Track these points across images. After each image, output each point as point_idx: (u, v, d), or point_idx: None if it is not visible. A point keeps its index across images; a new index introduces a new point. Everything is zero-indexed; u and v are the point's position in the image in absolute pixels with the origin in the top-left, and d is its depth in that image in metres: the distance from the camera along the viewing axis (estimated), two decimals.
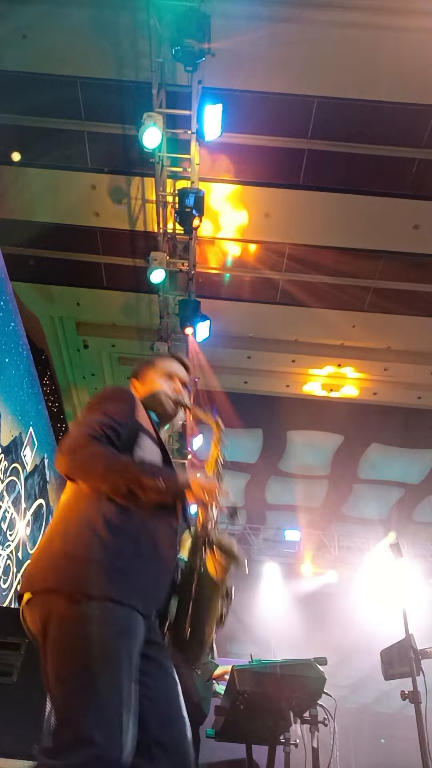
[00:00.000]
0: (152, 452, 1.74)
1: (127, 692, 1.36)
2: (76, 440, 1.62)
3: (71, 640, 1.39)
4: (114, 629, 1.41)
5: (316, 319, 7.80)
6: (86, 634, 1.38)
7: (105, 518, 1.56)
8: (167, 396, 1.96)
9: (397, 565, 3.43)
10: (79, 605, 1.40)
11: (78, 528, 1.54)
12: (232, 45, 5.29)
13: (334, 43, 5.26)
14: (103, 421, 1.67)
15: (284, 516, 11.37)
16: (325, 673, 2.54)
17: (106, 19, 5.28)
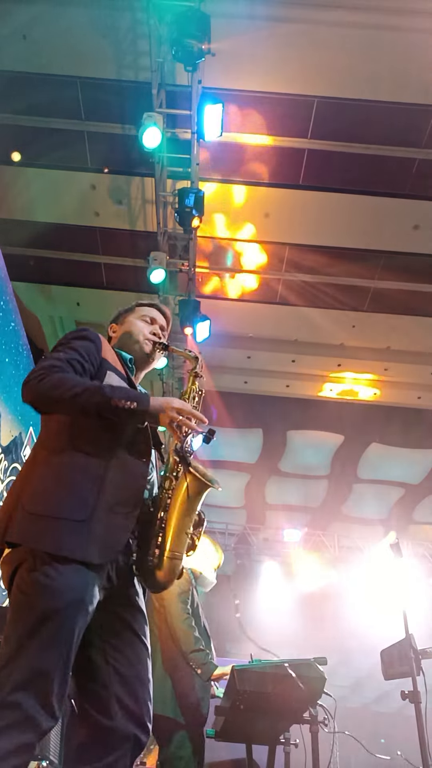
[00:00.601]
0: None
1: (64, 660, 1.40)
2: (41, 370, 1.61)
3: (18, 602, 1.45)
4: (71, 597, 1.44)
5: (316, 319, 7.80)
6: (31, 597, 1.43)
7: (68, 463, 1.58)
8: (144, 336, 1.96)
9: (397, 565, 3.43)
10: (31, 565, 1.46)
11: (39, 480, 1.57)
12: (232, 45, 5.29)
13: (334, 43, 5.26)
14: (67, 355, 1.67)
15: (284, 516, 11.36)
16: (325, 673, 2.54)
17: (106, 19, 5.28)
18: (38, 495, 1.54)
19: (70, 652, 1.43)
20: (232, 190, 6.55)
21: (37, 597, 1.43)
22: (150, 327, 2.01)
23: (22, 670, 1.36)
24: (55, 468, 1.59)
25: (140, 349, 1.95)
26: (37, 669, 1.37)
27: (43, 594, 1.43)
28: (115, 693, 1.55)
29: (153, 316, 2.04)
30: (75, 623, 1.44)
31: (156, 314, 2.05)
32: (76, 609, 1.45)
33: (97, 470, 1.59)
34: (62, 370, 1.61)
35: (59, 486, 1.56)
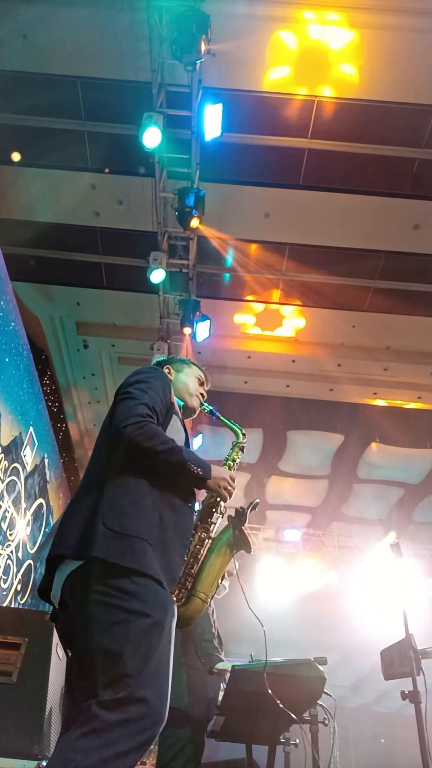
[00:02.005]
0: (179, 432, 1.95)
1: (169, 662, 1.53)
2: (140, 418, 1.76)
3: (126, 613, 1.49)
4: (168, 609, 1.57)
5: (315, 318, 7.80)
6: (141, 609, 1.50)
7: (140, 491, 1.70)
8: (197, 395, 2.25)
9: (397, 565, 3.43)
10: (133, 580, 1.53)
11: (117, 500, 1.66)
12: (232, 45, 5.30)
13: (335, 43, 5.26)
14: (152, 400, 1.85)
15: (284, 516, 11.36)
16: (325, 672, 2.54)
17: (107, 19, 5.28)
18: (119, 514, 1.62)
19: (171, 651, 1.55)
20: (232, 190, 6.55)
21: (142, 604, 1.51)
22: (201, 388, 2.29)
23: (143, 669, 1.45)
24: (130, 491, 1.69)
25: (191, 403, 2.22)
26: (154, 669, 1.47)
27: (147, 601, 1.52)
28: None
29: (204, 379, 2.32)
30: (172, 631, 1.57)
31: (205, 378, 2.33)
32: (173, 618, 1.59)
33: (159, 503, 1.73)
34: (151, 419, 1.80)
35: (135, 508, 1.66)
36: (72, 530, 1.63)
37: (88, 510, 1.64)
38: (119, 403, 1.83)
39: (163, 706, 1.47)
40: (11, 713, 2.31)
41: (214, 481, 1.86)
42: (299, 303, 7.64)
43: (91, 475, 1.79)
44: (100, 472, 1.75)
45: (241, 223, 6.85)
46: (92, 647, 1.48)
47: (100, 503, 1.64)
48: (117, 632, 1.47)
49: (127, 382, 1.93)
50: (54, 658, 2.54)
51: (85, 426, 10.05)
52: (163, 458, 1.74)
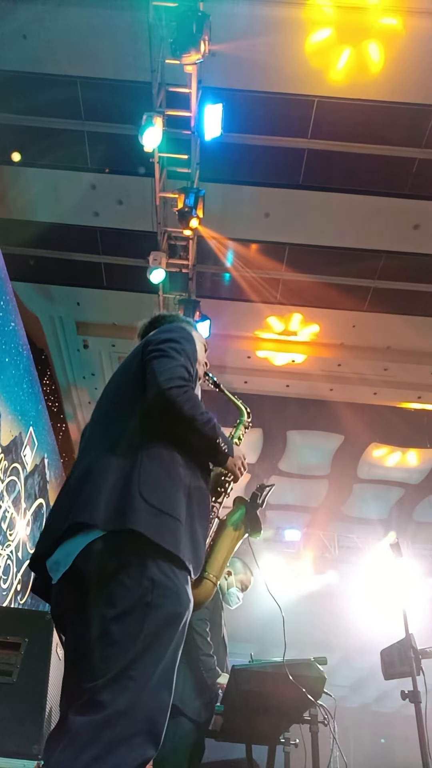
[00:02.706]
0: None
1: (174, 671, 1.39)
2: (182, 381, 1.62)
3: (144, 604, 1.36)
4: (188, 605, 1.44)
5: (316, 319, 7.80)
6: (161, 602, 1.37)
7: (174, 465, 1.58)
8: (203, 363, 2.09)
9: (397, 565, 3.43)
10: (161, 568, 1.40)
11: (154, 472, 1.51)
12: (233, 45, 5.30)
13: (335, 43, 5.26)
14: (187, 364, 1.69)
15: (284, 516, 11.36)
16: (325, 672, 2.54)
17: (106, 19, 5.28)
18: (156, 488, 1.48)
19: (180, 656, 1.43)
20: (232, 190, 6.55)
21: (163, 598, 1.38)
22: (204, 356, 2.12)
23: (148, 669, 1.32)
24: (166, 464, 1.56)
25: (198, 372, 2.01)
26: (161, 670, 1.34)
27: (169, 596, 1.39)
28: None
29: (206, 345, 2.18)
30: (186, 628, 1.44)
31: (207, 345, 2.20)
32: (189, 615, 1.45)
33: (188, 480, 1.60)
34: (192, 384, 1.68)
35: (171, 485, 1.53)
36: (101, 497, 1.43)
37: (120, 476, 1.47)
38: (154, 361, 1.65)
39: (162, 724, 1.31)
40: (11, 713, 2.31)
41: (233, 461, 1.78)
42: (299, 303, 7.63)
43: (113, 435, 1.60)
44: (128, 436, 1.58)
45: (241, 223, 6.85)
46: (96, 632, 1.33)
47: (134, 471, 1.48)
48: (129, 622, 1.33)
49: (158, 338, 1.75)
50: (54, 658, 2.53)
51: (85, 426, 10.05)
52: (201, 429, 1.62)
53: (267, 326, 8.10)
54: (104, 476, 1.48)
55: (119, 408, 1.70)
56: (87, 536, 1.41)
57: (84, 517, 1.41)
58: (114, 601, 1.35)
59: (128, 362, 1.81)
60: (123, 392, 1.74)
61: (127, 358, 1.84)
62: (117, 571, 1.38)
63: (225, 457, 1.72)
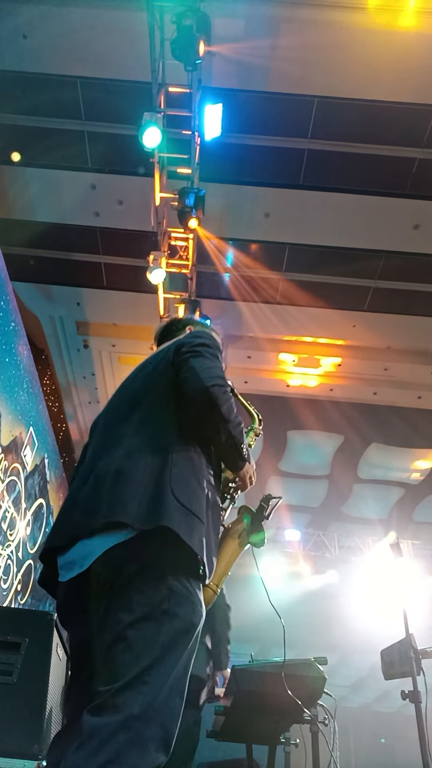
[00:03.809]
0: None
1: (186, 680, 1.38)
2: (223, 381, 1.65)
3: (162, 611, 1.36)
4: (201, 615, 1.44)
5: (316, 318, 7.80)
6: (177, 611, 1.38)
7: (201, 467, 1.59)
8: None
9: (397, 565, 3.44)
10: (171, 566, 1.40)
11: (183, 471, 1.52)
12: (233, 45, 5.30)
13: (335, 43, 5.26)
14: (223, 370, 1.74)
15: (284, 516, 11.36)
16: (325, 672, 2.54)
17: (106, 19, 5.28)
18: (186, 489, 1.49)
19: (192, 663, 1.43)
20: (232, 190, 6.55)
21: (179, 607, 1.38)
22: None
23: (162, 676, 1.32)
24: (195, 466, 1.57)
25: None
26: (174, 678, 1.34)
27: (185, 605, 1.39)
28: None
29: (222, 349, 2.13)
30: (198, 637, 1.45)
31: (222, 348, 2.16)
32: (201, 625, 1.46)
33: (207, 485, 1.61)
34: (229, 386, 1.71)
35: (199, 487, 1.54)
36: (132, 496, 1.42)
37: (152, 476, 1.46)
38: (192, 359, 1.65)
39: (174, 731, 1.31)
40: (11, 713, 2.31)
41: (247, 468, 1.81)
42: (300, 303, 7.63)
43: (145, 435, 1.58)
44: (159, 434, 1.58)
45: (241, 223, 6.85)
46: (112, 636, 1.33)
47: (165, 470, 1.48)
48: (146, 629, 1.33)
49: (191, 341, 1.75)
50: (54, 658, 2.53)
51: (85, 426, 10.05)
52: (232, 431, 1.65)
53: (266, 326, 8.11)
54: (136, 475, 1.47)
55: (148, 406, 1.67)
56: (114, 536, 1.40)
57: (119, 516, 1.39)
58: (132, 607, 1.35)
59: (153, 364, 1.79)
60: (152, 390, 1.71)
61: (150, 361, 1.83)
62: (136, 578, 1.38)
63: (243, 463, 1.77)
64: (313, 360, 8.42)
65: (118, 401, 1.78)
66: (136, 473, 1.47)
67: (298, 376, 8.75)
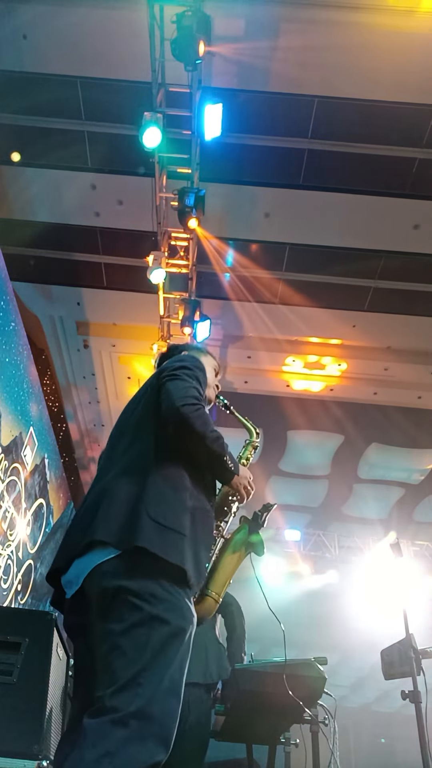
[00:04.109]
0: None
1: (183, 680, 1.46)
2: (195, 400, 1.74)
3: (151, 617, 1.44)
4: (191, 619, 1.52)
5: (316, 318, 7.80)
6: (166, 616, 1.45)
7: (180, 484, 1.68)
8: (213, 386, 2.21)
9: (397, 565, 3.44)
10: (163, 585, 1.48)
11: (159, 491, 1.62)
12: (233, 45, 5.30)
13: (335, 43, 5.26)
14: (199, 388, 1.83)
15: (284, 516, 11.36)
16: (325, 672, 2.54)
17: (107, 19, 5.28)
18: (161, 506, 1.59)
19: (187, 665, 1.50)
20: (232, 190, 6.55)
21: (168, 612, 1.46)
22: (216, 379, 2.25)
23: (156, 678, 1.39)
24: (173, 483, 1.67)
25: (209, 395, 2.17)
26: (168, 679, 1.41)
27: (173, 610, 1.47)
28: None
29: (218, 368, 2.30)
30: (191, 639, 1.52)
31: (219, 368, 2.31)
32: (193, 628, 1.53)
33: (193, 499, 1.70)
34: (204, 404, 1.80)
35: (177, 502, 1.64)
36: (113, 516, 1.55)
37: (131, 497, 1.58)
38: (168, 383, 1.78)
39: (172, 729, 1.37)
40: (11, 713, 2.31)
41: (238, 479, 1.86)
42: (299, 303, 7.63)
43: (129, 458, 1.72)
44: (141, 458, 1.70)
45: (241, 223, 6.85)
46: (107, 646, 1.42)
47: (143, 491, 1.59)
48: (137, 635, 1.41)
49: (171, 366, 1.88)
50: (54, 658, 2.54)
51: (85, 426, 10.05)
52: (210, 446, 1.73)
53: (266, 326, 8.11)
54: (118, 496, 1.60)
55: (134, 432, 1.82)
56: (100, 554, 1.51)
57: (99, 535, 1.52)
58: (122, 617, 1.44)
59: (144, 390, 1.95)
60: (138, 417, 1.85)
61: (143, 387, 1.98)
62: (123, 591, 1.46)
63: (231, 475, 1.82)
64: (313, 360, 8.42)
65: (115, 430, 1.93)
66: (118, 495, 1.60)
67: (298, 376, 8.75)
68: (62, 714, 2.69)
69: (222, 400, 2.27)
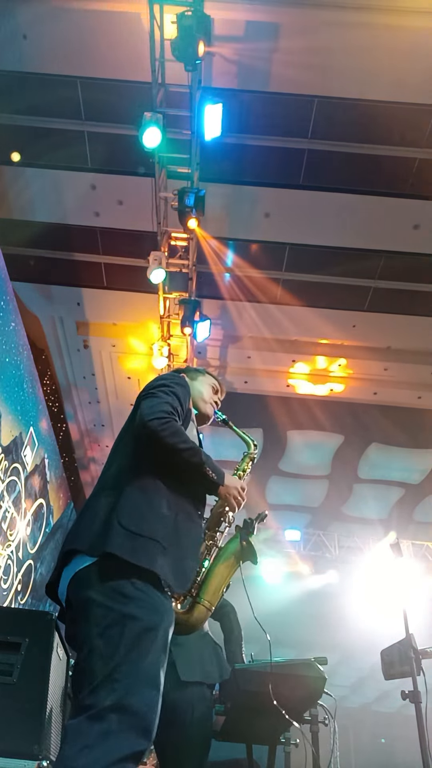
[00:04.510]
0: (194, 439, 1.97)
1: (160, 671, 1.50)
2: (164, 414, 1.81)
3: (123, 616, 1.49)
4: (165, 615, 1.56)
5: (316, 319, 7.80)
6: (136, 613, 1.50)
7: (156, 493, 1.73)
8: (211, 403, 2.31)
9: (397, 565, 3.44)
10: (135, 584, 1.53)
11: (133, 501, 1.69)
12: (233, 45, 5.30)
13: (335, 43, 5.26)
14: (173, 403, 1.90)
15: (284, 516, 11.37)
16: (325, 672, 2.54)
17: (107, 19, 5.28)
18: (134, 515, 1.65)
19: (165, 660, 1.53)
20: (232, 190, 6.55)
21: (139, 609, 1.51)
22: (215, 396, 2.35)
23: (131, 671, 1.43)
24: (148, 494, 1.73)
25: (205, 410, 2.28)
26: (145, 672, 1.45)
27: (144, 607, 1.52)
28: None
29: (218, 387, 2.38)
30: (168, 633, 1.57)
31: (219, 387, 2.39)
32: (170, 623, 1.58)
33: (174, 508, 1.76)
34: (175, 418, 1.86)
35: (151, 512, 1.70)
36: (88, 527, 1.65)
37: (106, 510, 1.67)
38: (143, 401, 1.87)
39: (151, 719, 1.41)
40: (11, 713, 2.31)
41: (226, 489, 1.89)
42: (299, 303, 7.63)
43: (108, 475, 1.82)
44: (119, 473, 1.79)
45: (241, 223, 6.85)
46: (86, 650, 1.48)
47: (117, 502, 1.67)
48: (111, 635, 1.46)
49: (150, 385, 1.99)
50: (54, 658, 2.54)
51: (85, 426, 10.05)
52: (183, 457, 1.78)
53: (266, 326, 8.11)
54: (95, 510, 1.70)
55: (115, 452, 1.91)
56: (77, 562, 1.61)
57: (75, 544, 1.63)
58: (98, 621, 1.50)
59: (132, 411, 2.00)
60: (122, 436, 1.95)
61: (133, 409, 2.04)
62: (97, 596, 1.52)
63: (214, 485, 1.86)
64: (313, 360, 8.42)
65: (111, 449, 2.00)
66: (95, 509, 1.70)
67: (298, 376, 8.75)
68: (62, 714, 2.69)
69: (220, 415, 2.34)
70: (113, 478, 1.78)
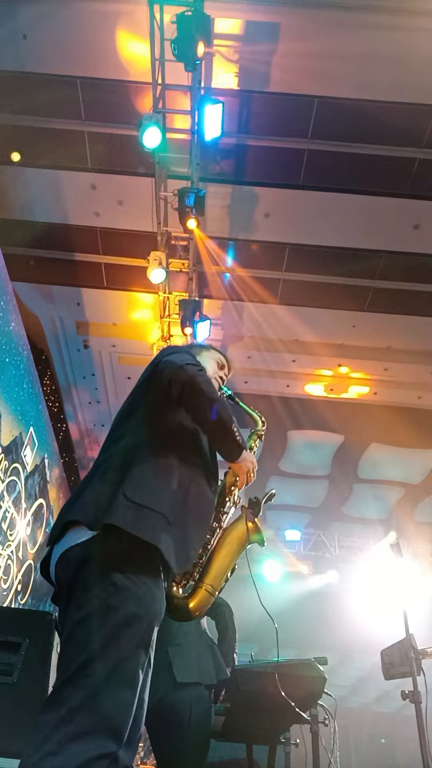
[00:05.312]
0: None
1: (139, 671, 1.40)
2: (198, 365, 1.73)
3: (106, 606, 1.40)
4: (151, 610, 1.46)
5: (316, 319, 7.80)
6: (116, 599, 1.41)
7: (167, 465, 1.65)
8: (216, 377, 2.21)
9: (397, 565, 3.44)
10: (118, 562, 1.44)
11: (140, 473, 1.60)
12: (233, 45, 5.30)
13: (335, 44, 5.26)
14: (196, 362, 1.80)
15: (284, 516, 11.36)
16: (325, 672, 2.54)
17: (107, 18, 5.28)
18: (140, 487, 1.56)
19: (149, 655, 1.45)
20: (231, 190, 6.55)
21: (123, 600, 1.42)
22: (220, 372, 2.27)
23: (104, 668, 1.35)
24: (157, 467, 1.64)
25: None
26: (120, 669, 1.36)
27: (129, 598, 1.42)
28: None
29: (224, 363, 2.30)
30: (153, 630, 1.47)
31: (225, 362, 2.32)
32: (156, 618, 1.48)
33: (186, 482, 1.67)
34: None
35: (160, 485, 1.61)
36: (91, 499, 1.54)
37: (113, 482, 1.57)
38: (165, 360, 1.77)
39: (122, 720, 1.33)
40: (11, 713, 2.31)
41: (243, 460, 1.78)
42: (299, 303, 7.63)
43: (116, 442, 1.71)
44: (127, 441, 1.69)
45: (241, 223, 6.85)
46: (65, 635, 1.41)
47: (124, 473, 1.58)
48: (89, 624, 1.38)
49: (163, 353, 1.88)
50: (54, 658, 2.53)
51: (85, 426, 10.05)
52: (216, 408, 1.67)
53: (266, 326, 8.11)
54: (100, 480, 1.59)
55: (125, 420, 1.80)
56: (74, 535, 1.49)
57: (74, 515, 1.51)
58: (80, 605, 1.41)
59: (138, 382, 1.90)
60: (130, 406, 1.84)
61: (137, 381, 1.93)
62: (85, 577, 1.43)
63: (238, 448, 1.75)
64: (313, 360, 8.42)
65: (113, 423, 1.90)
66: (101, 479, 1.59)
67: (298, 376, 8.75)
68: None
69: (226, 390, 2.24)
70: (120, 448, 1.67)
